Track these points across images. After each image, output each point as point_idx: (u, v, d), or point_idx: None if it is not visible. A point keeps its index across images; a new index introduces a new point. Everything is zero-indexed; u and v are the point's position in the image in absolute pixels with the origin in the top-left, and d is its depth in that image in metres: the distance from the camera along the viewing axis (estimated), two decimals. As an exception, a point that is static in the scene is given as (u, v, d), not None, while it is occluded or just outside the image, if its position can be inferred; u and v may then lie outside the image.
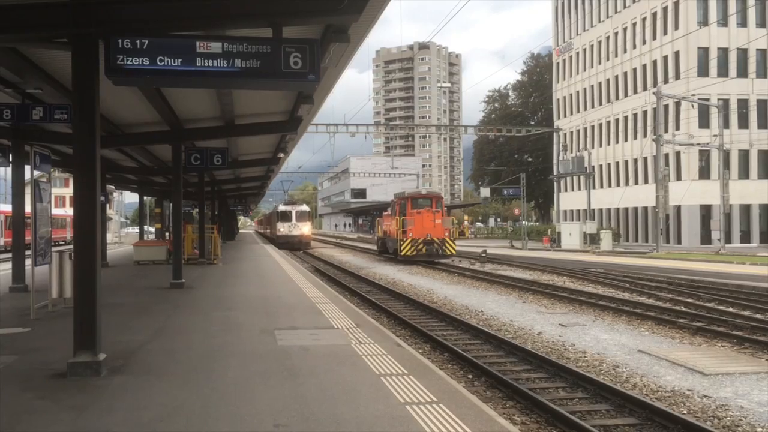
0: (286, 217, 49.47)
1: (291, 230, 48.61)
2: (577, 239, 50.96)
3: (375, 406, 6.19)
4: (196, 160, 19.86)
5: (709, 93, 49.45)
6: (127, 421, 5.79)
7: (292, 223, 49.02)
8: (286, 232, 48.60)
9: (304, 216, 49.96)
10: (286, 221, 49.21)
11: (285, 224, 48.98)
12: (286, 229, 48.69)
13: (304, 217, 49.82)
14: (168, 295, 15.57)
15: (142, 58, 7.14)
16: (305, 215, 50.20)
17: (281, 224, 49.15)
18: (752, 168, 53.50)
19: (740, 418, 7.69)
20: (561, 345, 12.13)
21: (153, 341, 9.63)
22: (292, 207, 50.63)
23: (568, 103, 70.66)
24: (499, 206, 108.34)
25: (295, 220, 49.08)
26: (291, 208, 50.34)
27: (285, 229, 48.75)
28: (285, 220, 49.37)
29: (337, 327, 10.83)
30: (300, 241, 47.99)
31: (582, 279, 24.90)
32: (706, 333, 13.00)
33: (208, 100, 15.65)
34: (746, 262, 31.51)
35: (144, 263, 26.15)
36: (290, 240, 47.74)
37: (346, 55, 11.96)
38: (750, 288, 20.31)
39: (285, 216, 49.57)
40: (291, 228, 48.67)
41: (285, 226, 48.89)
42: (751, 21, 53.39)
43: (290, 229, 48.61)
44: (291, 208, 50.34)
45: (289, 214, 49.49)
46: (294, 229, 48.78)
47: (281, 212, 50.11)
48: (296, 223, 49.03)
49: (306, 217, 50.11)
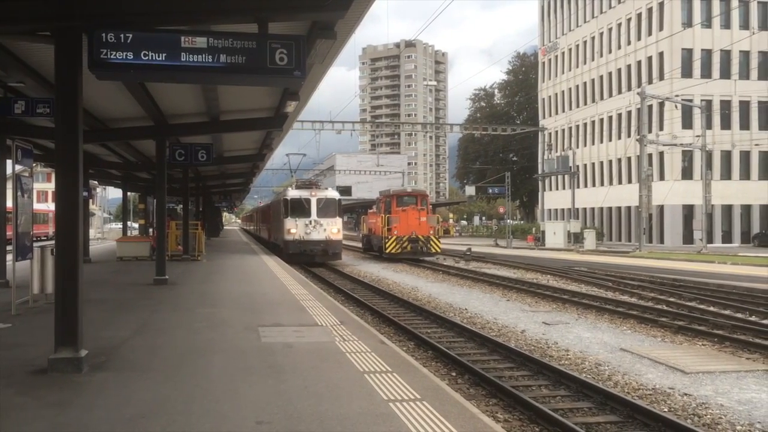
0: (301, 209, 29.80)
1: (310, 232, 29.39)
2: (561, 238, 51.23)
3: (358, 404, 6.19)
4: (180, 155, 19.77)
5: (692, 94, 49.89)
6: (109, 418, 5.75)
7: (312, 219, 29.55)
8: (302, 235, 29.35)
9: (332, 207, 30.18)
10: (300, 216, 29.65)
11: (300, 221, 29.50)
12: (302, 230, 29.39)
13: (331, 210, 30.12)
14: (151, 292, 15.47)
15: (126, 53, 7.08)
16: (333, 206, 30.24)
17: (293, 221, 29.54)
18: (734, 169, 54.05)
19: (720, 416, 7.78)
20: (544, 343, 12.20)
21: (135, 337, 9.56)
22: (312, 191, 30.50)
23: (554, 102, 70.99)
24: (484, 205, 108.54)
25: (316, 213, 29.63)
26: (310, 193, 30.33)
27: (299, 229, 29.44)
28: (299, 213, 29.75)
29: (322, 324, 10.82)
30: (325, 250, 29.30)
31: (565, 278, 25.05)
32: (687, 332, 13.13)
33: (193, 96, 15.56)
34: (727, 262, 31.84)
35: (127, 259, 25.98)
36: (309, 248, 29.24)
37: (333, 51, 11.93)
38: (731, 287, 20.53)
39: (299, 207, 29.84)
40: (310, 228, 29.42)
41: (300, 224, 29.50)
42: (735, 23, 53.91)
43: (309, 229, 29.40)
44: (310, 193, 30.33)
45: (306, 205, 29.78)
46: (316, 230, 29.47)
47: (292, 201, 29.93)
48: (318, 219, 29.57)
49: (334, 209, 30.28)
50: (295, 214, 29.68)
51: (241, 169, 36.44)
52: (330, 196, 30.54)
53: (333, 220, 29.90)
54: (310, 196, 30.04)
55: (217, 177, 39.24)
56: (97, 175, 33.36)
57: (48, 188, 71.01)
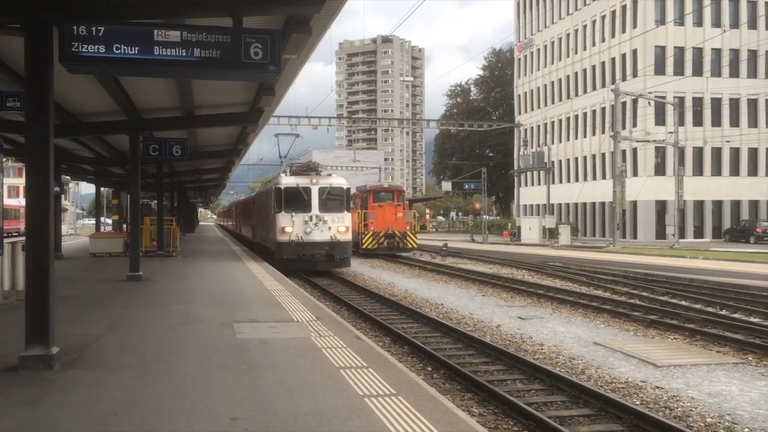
0: (299, 201, 23.06)
1: (310, 231, 22.71)
2: (537, 233, 51.61)
3: (334, 399, 6.18)
4: (154, 150, 19.52)
5: (665, 91, 50.49)
6: (81, 416, 5.68)
7: (313, 214, 22.89)
8: (300, 235, 22.65)
9: (339, 199, 23.52)
10: (298, 210, 22.92)
11: (297, 218, 22.78)
12: (300, 229, 22.73)
13: (338, 202, 23.46)
14: (124, 288, 15.31)
15: (98, 46, 6.98)
16: (340, 198, 23.57)
17: (288, 217, 22.78)
18: (706, 165, 54.84)
19: (691, 409, 7.90)
20: (519, 337, 12.29)
21: (108, 334, 9.46)
22: (312, 178, 23.51)
23: (529, 98, 71.44)
24: (460, 200, 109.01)
25: (318, 207, 22.96)
26: (310, 180, 23.37)
27: (296, 228, 22.72)
28: (296, 207, 22.96)
29: (297, 320, 10.79)
30: (330, 255, 22.82)
31: (540, 272, 25.25)
32: (659, 326, 13.31)
33: (167, 90, 15.38)
34: (699, 257, 32.32)
35: (100, 255, 25.65)
36: (309, 252, 22.64)
37: (308, 46, 11.86)
38: (702, 282, 20.85)
39: (295, 199, 23.06)
40: (310, 226, 22.76)
41: (297, 221, 22.75)
42: (707, 21, 54.65)
43: (309, 227, 22.74)
44: (310, 180, 23.37)
45: (305, 195, 23.05)
46: (318, 229, 22.81)
47: (287, 191, 23.13)
48: (321, 214, 22.94)
49: (342, 201, 23.61)
50: (291, 208, 22.66)
51: (216, 164, 36.12)
52: (336, 185, 23.39)
53: (340, 215, 23.03)
54: (311, 185, 22.98)
55: (193, 172, 38.83)
56: (69, 170, 32.85)
57: (19, 183, 69.93)
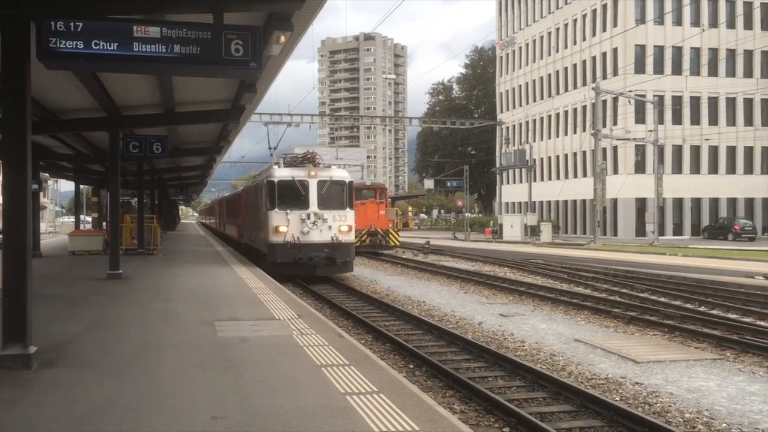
0: (295, 196, 20.32)
1: (308, 231, 19.97)
2: (519, 231, 51.85)
3: (315, 397, 6.17)
4: (134, 148, 19.39)
5: (645, 89, 50.91)
6: (59, 416, 5.62)
7: (311, 211, 20.15)
8: (296, 235, 19.91)
9: (341, 194, 20.77)
10: (294, 207, 20.16)
11: (293, 215, 19.99)
12: (296, 229, 19.99)
13: (339, 197, 20.69)
14: (104, 286, 15.18)
15: (76, 42, 6.91)
16: (342, 192, 20.80)
17: (282, 215, 20.07)
18: (685, 163, 55.38)
19: (670, 404, 7.98)
20: (501, 335, 12.35)
21: (87, 333, 9.37)
22: (310, 170, 20.69)
23: (511, 96, 71.71)
24: (442, 198, 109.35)
25: (317, 203, 20.22)
26: (307, 172, 20.57)
27: (292, 227, 19.98)
28: (291, 203, 20.26)
29: (279, 318, 10.76)
30: (331, 258, 20.00)
31: (522, 270, 25.38)
32: (639, 322, 13.44)
33: (148, 87, 15.26)
34: (678, 254, 32.67)
35: (80, 253, 25.42)
36: (307, 255, 19.84)
37: (290, 43, 11.82)
38: (681, 279, 21.06)
39: (291, 194, 20.36)
40: (308, 225, 20.02)
41: (293, 219, 19.98)
42: (686, 20, 55.15)
43: (306, 226, 20.00)
44: (307, 172, 20.57)
45: (302, 190, 20.31)
46: (317, 228, 20.08)
47: (282, 185, 20.37)
48: (321, 212, 20.20)
49: (344, 196, 20.78)
50: (286, 205, 19.95)
51: (197, 161, 35.92)
52: (338, 177, 20.66)
53: (342, 213, 20.25)
54: (308, 177, 20.12)
55: (174, 170, 38.57)
56: (48, 167, 32.54)
57: (-4, 181, 68.93)
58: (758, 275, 21.35)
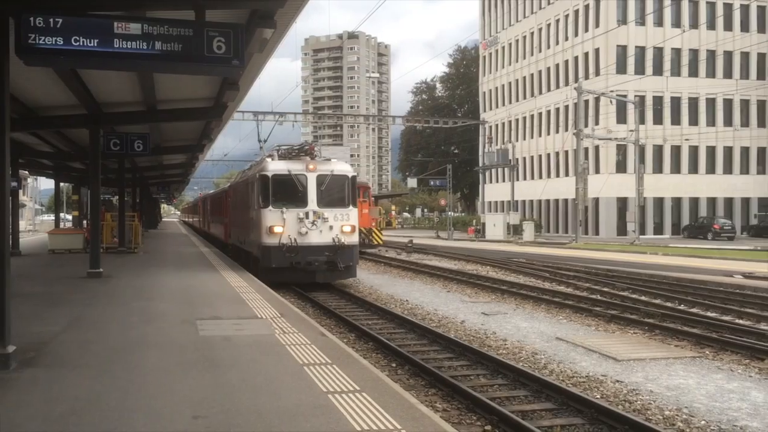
0: (292, 192, 18.24)
1: (307, 231, 17.75)
2: (501, 230, 52.05)
3: (297, 396, 6.16)
4: (115, 145, 19.22)
5: (626, 90, 51.30)
6: (38, 416, 5.57)
7: (310, 209, 17.91)
8: (293, 236, 17.66)
9: (343, 189, 18.56)
10: (290, 204, 18.01)
11: (289, 214, 17.83)
12: (293, 229, 17.74)
13: (341, 193, 18.50)
14: (85, 285, 15.03)
15: (56, 38, 6.84)
16: (344, 188, 18.59)
17: (277, 214, 17.80)
18: (665, 162, 55.89)
19: (650, 402, 8.05)
20: (483, 333, 12.39)
21: (67, 332, 9.28)
22: (308, 164, 18.42)
23: (494, 96, 71.97)
24: (425, 197, 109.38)
25: (317, 200, 17.97)
26: (305, 166, 18.31)
27: (289, 227, 17.76)
28: (288, 200, 18.10)
29: (261, 317, 10.72)
30: (333, 262, 17.76)
31: (505, 269, 25.49)
32: (619, 320, 13.54)
33: (129, 84, 15.12)
34: (658, 253, 32.95)
35: (60, 252, 25.17)
36: (306, 259, 17.60)
37: (273, 41, 11.77)
38: (661, 277, 21.24)
39: (287, 190, 18.24)
40: (307, 224, 17.77)
41: (290, 218, 17.81)
42: (667, 21, 55.64)
43: (304, 226, 17.75)
44: (305, 166, 18.31)
45: (299, 185, 18.18)
46: (316, 229, 17.85)
47: (276, 179, 18.16)
48: (321, 210, 17.95)
49: (346, 192, 18.57)
50: (281, 202, 17.83)
51: (179, 159, 35.65)
52: (339, 171, 18.47)
53: (344, 211, 18.13)
54: (306, 171, 17.99)
55: (155, 168, 38.28)
56: (27, 164, 32.10)
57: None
58: (737, 274, 21.59)
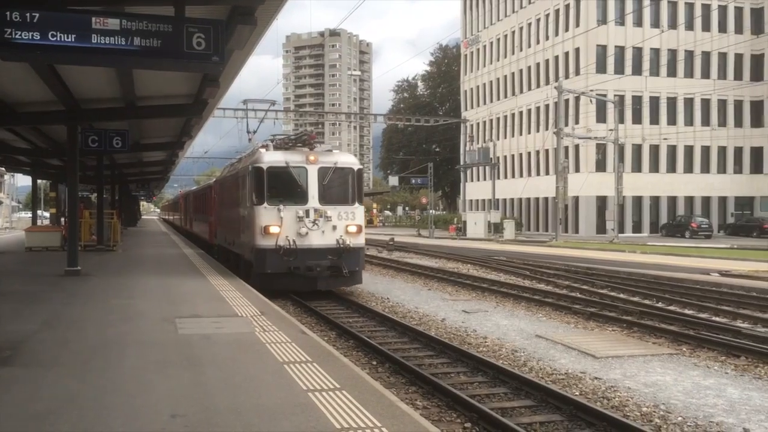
0: (290, 186, 16.07)
1: (307, 232, 15.51)
2: (482, 228, 52.26)
3: (277, 394, 6.14)
4: (93, 142, 19.02)
5: (606, 89, 51.67)
6: (15, 415, 5.50)
7: (311, 207, 15.65)
8: (291, 238, 15.43)
9: (347, 184, 16.39)
10: (288, 201, 15.74)
11: (287, 212, 15.51)
12: (291, 229, 15.50)
13: (345, 188, 16.34)
14: (62, 283, 14.87)
15: (33, 33, 6.76)
16: (349, 182, 16.39)
17: (273, 212, 15.48)
18: (644, 161, 56.40)
19: (628, 399, 8.12)
20: (463, 331, 12.43)
21: (45, 331, 9.17)
22: (308, 155, 16.03)
23: (475, 94, 72.19)
24: (407, 195, 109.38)
25: (318, 196, 15.72)
26: (305, 157, 15.93)
27: (287, 227, 15.46)
28: (285, 196, 15.84)
29: (241, 315, 10.67)
30: (336, 267, 15.62)
31: (485, 267, 25.59)
32: (598, 318, 13.65)
33: (108, 80, 14.97)
34: (637, 251, 33.26)
35: (37, 249, 24.87)
36: (306, 264, 15.40)
37: (253, 38, 11.71)
38: (639, 275, 21.44)
39: (284, 184, 16.06)
40: (307, 224, 15.54)
41: (288, 217, 15.50)
42: (646, 21, 56.12)
43: (304, 226, 15.52)
44: (305, 157, 15.93)
45: (298, 179, 16.00)
46: (318, 228, 15.62)
47: (272, 172, 15.82)
48: (323, 207, 15.70)
49: (351, 186, 16.35)
50: (278, 198, 15.71)
51: (159, 156, 35.39)
52: (344, 163, 16.29)
53: (350, 209, 16.07)
54: (306, 163, 15.81)
55: (135, 165, 37.94)
56: (4, 161, 31.75)
57: (-50, 175, 67.09)
58: (714, 272, 21.87)
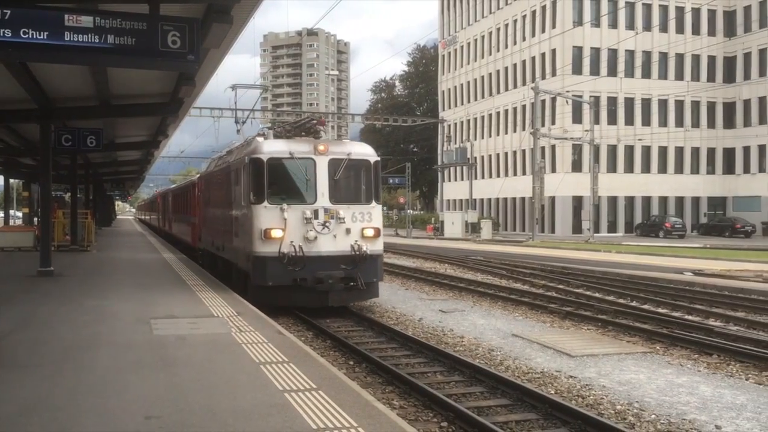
0: (295, 181, 13.26)
1: (315, 236, 12.81)
2: (459, 228, 52.47)
3: (253, 395, 6.11)
4: (67, 141, 18.79)
5: (582, 90, 52.16)
6: (-16, 418, 5.41)
7: (320, 206, 12.93)
8: (298, 243, 12.70)
9: (363, 179, 13.84)
10: (293, 200, 13.06)
11: (292, 212, 12.77)
12: (297, 233, 12.76)
13: (360, 185, 13.89)
14: (35, 284, 14.66)
15: (4, 30, 6.67)
16: (364, 177, 13.80)
17: (276, 212, 12.74)
18: (619, 162, 57.02)
19: (602, 397, 8.20)
20: (440, 330, 12.46)
21: (16, 332, 9.04)
22: (318, 144, 13.23)
23: (453, 95, 72.45)
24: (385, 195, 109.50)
25: (329, 193, 13.04)
26: (314, 147, 13.12)
27: (292, 231, 12.73)
28: (289, 193, 13.20)
29: (218, 315, 10.60)
30: (350, 278, 13.01)
31: (462, 266, 25.69)
32: (574, 317, 13.76)
33: (81, 78, 14.79)
34: (612, 251, 33.59)
35: (9, 250, 24.50)
36: (314, 275, 12.71)
37: (230, 37, 11.64)
38: (614, 275, 21.65)
39: (288, 178, 13.32)
40: (316, 226, 12.83)
41: (293, 218, 12.74)
42: (621, 23, 56.70)
43: (312, 230, 12.79)
44: (314, 147, 13.12)
45: (305, 172, 13.06)
46: (328, 232, 12.95)
47: (273, 164, 13.02)
48: (334, 207, 12.99)
49: (367, 182, 13.74)
50: (280, 196, 13.20)
51: (134, 156, 35.06)
52: (359, 155, 13.82)
53: (366, 209, 13.60)
54: (315, 154, 13.21)
55: (110, 164, 37.51)
56: (-26, 160, 31.20)
57: None
58: (687, 271, 22.16)
